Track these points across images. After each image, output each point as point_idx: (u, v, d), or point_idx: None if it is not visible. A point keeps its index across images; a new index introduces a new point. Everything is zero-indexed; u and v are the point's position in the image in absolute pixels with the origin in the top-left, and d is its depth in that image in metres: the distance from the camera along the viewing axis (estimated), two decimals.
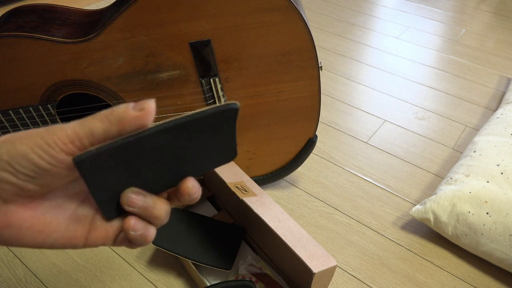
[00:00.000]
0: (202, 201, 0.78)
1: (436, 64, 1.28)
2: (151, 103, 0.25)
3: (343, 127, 1.03)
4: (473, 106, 1.11)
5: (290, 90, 0.70)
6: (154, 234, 0.29)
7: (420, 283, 0.70)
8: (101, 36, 0.61)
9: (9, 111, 0.66)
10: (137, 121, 0.25)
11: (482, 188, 0.72)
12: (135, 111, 0.25)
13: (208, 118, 0.26)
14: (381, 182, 0.88)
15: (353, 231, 0.78)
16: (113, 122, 0.25)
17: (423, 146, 0.98)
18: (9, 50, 0.61)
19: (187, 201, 0.29)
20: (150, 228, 0.28)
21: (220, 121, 0.27)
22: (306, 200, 0.84)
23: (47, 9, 0.67)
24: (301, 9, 0.63)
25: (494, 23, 1.52)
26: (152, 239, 0.29)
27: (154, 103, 0.26)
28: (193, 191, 0.29)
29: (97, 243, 0.29)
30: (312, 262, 0.52)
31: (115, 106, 0.26)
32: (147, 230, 0.28)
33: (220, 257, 0.65)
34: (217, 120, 0.27)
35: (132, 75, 0.65)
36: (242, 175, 0.66)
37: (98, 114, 0.25)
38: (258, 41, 0.64)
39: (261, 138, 0.76)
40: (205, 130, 0.27)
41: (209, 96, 0.69)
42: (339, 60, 1.28)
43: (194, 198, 0.29)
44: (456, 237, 0.72)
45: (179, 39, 0.62)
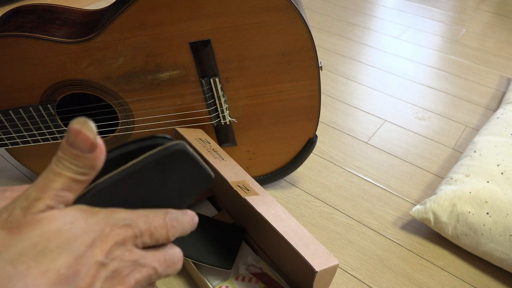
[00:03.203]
0: (203, 201, 0.78)
1: (436, 64, 1.28)
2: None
3: (343, 127, 1.03)
4: (473, 106, 1.11)
5: (290, 90, 0.70)
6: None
7: (420, 283, 0.70)
8: (101, 36, 0.61)
9: (9, 111, 0.66)
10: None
11: (482, 188, 0.72)
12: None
13: (152, 162, 0.24)
14: (381, 182, 0.88)
15: (353, 231, 0.78)
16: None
17: (423, 146, 0.98)
18: (9, 50, 0.61)
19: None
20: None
21: (172, 161, 0.25)
22: (306, 200, 0.84)
23: (47, 9, 0.67)
24: (301, 9, 0.63)
25: (494, 23, 1.52)
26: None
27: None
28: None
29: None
30: (315, 261, 0.52)
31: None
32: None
33: (220, 256, 0.65)
34: (167, 160, 0.25)
35: (132, 75, 0.65)
36: (244, 175, 0.66)
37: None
38: (258, 41, 0.64)
39: (261, 138, 0.76)
40: (159, 171, 0.25)
41: (209, 96, 0.69)
42: (339, 60, 1.28)
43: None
44: (456, 237, 0.72)
45: (179, 39, 0.62)
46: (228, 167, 0.66)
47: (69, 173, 0.22)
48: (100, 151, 0.23)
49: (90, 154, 0.22)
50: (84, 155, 0.22)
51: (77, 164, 0.22)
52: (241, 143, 0.77)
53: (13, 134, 0.69)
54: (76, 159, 0.22)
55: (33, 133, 0.70)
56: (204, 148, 0.67)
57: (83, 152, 0.22)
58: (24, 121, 0.68)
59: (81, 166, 0.22)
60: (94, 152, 0.23)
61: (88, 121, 0.22)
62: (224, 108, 0.71)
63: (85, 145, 0.22)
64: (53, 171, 0.22)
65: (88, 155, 0.22)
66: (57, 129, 0.70)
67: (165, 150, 0.24)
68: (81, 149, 0.22)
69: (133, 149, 0.25)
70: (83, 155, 0.22)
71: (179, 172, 0.26)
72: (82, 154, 0.22)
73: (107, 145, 0.75)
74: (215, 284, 0.64)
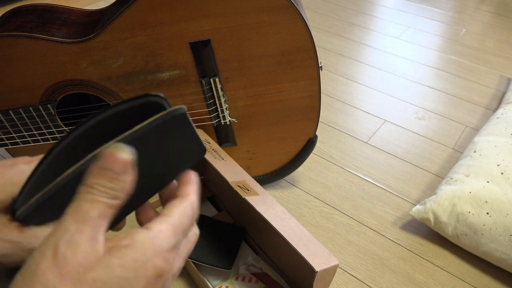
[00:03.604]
0: (203, 201, 0.78)
1: (436, 64, 1.28)
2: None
3: (343, 127, 1.03)
4: (473, 106, 1.11)
5: (290, 90, 0.70)
6: None
7: (420, 283, 0.70)
8: (101, 36, 0.61)
9: (9, 111, 0.66)
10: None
11: (482, 188, 0.72)
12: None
13: (155, 128, 0.24)
14: (381, 182, 0.88)
15: (353, 231, 0.78)
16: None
17: (423, 146, 0.98)
18: (9, 50, 0.61)
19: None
20: None
21: (172, 127, 0.25)
22: (306, 200, 0.84)
23: (47, 9, 0.67)
24: (301, 9, 0.63)
25: (494, 23, 1.52)
26: None
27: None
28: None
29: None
30: (315, 261, 0.52)
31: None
32: None
33: (220, 256, 0.65)
34: (168, 126, 0.24)
35: (132, 75, 0.65)
36: (244, 175, 0.66)
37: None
38: (258, 41, 0.64)
39: (261, 138, 0.76)
40: (160, 139, 0.24)
41: (209, 96, 0.69)
42: (339, 60, 1.28)
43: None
44: (456, 237, 0.72)
45: (179, 39, 0.62)
46: (228, 167, 0.66)
47: (104, 198, 0.21)
48: (132, 172, 0.22)
49: (124, 175, 0.22)
50: (119, 176, 0.21)
51: (112, 187, 0.21)
52: (241, 143, 0.77)
53: (13, 134, 0.69)
54: (111, 181, 0.21)
55: (33, 133, 0.70)
56: None
57: (118, 173, 0.21)
58: (24, 121, 0.68)
59: (115, 189, 0.21)
60: (129, 173, 0.22)
61: (118, 143, 0.22)
62: (224, 108, 0.71)
63: (121, 167, 0.21)
64: (86, 199, 0.21)
65: (123, 177, 0.21)
66: (57, 129, 0.70)
67: (168, 115, 0.23)
68: (116, 171, 0.21)
69: (125, 108, 0.24)
70: (118, 176, 0.21)
71: (177, 140, 0.25)
72: (117, 176, 0.21)
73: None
74: (215, 284, 0.64)
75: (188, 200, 0.25)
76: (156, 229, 0.23)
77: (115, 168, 0.21)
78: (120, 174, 0.21)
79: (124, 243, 0.22)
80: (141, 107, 0.24)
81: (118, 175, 0.21)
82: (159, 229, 0.23)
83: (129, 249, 0.21)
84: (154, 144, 0.24)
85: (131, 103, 0.24)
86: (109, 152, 0.21)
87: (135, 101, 0.24)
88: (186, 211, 0.24)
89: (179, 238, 0.24)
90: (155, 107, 0.25)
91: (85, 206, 0.21)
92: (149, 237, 0.22)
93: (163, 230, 0.23)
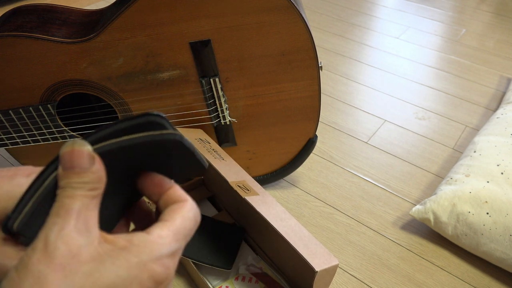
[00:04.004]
0: (203, 201, 0.78)
1: (436, 64, 1.28)
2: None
3: (343, 127, 1.03)
4: (473, 106, 1.11)
5: (290, 90, 0.70)
6: None
7: (420, 283, 0.70)
8: (101, 36, 0.61)
9: (9, 111, 0.66)
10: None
11: (482, 188, 0.72)
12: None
13: (146, 145, 0.23)
14: (381, 182, 0.88)
15: (353, 231, 0.78)
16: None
17: (423, 146, 0.98)
18: (9, 50, 0.61)
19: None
20: None
21: (167, 148, 0.24)
22: (306, 200, 0.84)
23: (47, 9, 0.67)
24: (301, 9, 0.63)
25: (494, 23, 1.52)
26: None
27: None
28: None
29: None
30: (314, 261, 0.52)
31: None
32: None
33: (220, 256, 0.65)
34: (161, 147, 0.24)
35: (132, 75, 0.65)
36: (244, 175, 0.66)
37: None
38: (258, 41, 0.64)
39: (261, 138, 0.76)
40: (147, 153, 0.24)
41: (209, 96, 0.69)
42: (339, 60, 1.28)
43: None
44: (456, 237, 0.72)
45: (179, 39, 0.62)
46: (228, 167, 0.66)
47: (81, 191, 0.21)
48: (99, 161, 0.22)
49: (91, 166, 0.22)
50: (88, 169, 0.22)
51: (85, 181, 0.22)
52: (241, 143, 0.77)
53: (13, 134, 0.69)
54: (81, 176, 0.22)
55: (33, 133, 0.70)
56: (204, 148, 0.67)
57: (84, 166, 0.22)
58: (24, 121, 0.68)
59: (88, 182, 0.22)
60: (95, 164, 0.22)
61: (75, 139, 0.22)
62: (224, 108, 0.71)
63: (84, 160, 0.22)
64: (65, 195, 0.21)
65: (92, 168, 0.22)
66: (57, 129, 0.70)
67: (160, 137, 0.23)
68: (81, 165, 0.22)
69: (125, 127, 0.24)
70: (87, 169, 0.22)
71: (173, 158, 0.25)
72: (84, 169, 0.22)
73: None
74: (215, 284, 0.64)
75: (188, 204, 0.25)
76: (156, 234, 0.23)
77: (78, 163, 0.21)
78: (86, 167, 0.22)
79: (121, 244, 0.22)
80: (140, 126, 0.24)
81: (85, 168, 0.22)
82: (159, 234, 0.23)
83: (125, 250, 0.21)
84: (147, 156, 0.24)
85: (131, 122, 0.23)
86: (66, 151, 0.22)
87: (135, 120, 0.24)
88: (188, 216, 0.24)
89: (181, 244, 0.24)
90: (156, 126, 0.24)
91: (66, 201, 0.21)
92: (146, 241, 0.22)
93: (163, 235, 0.23)
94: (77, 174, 0.22)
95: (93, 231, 0.21)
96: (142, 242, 0.22)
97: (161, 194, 0.25)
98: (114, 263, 0.21)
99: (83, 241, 0.21)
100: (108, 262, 0.21)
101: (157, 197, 0.25)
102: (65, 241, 0.20)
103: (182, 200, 0.25)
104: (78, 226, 0.21)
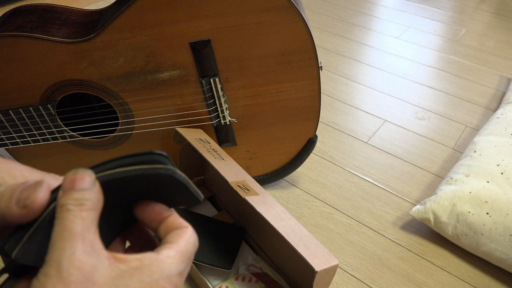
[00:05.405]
0: (203, 201, 0.78)
1: (436, 64, 1.28)
2: (37, 195, 0.22)
3: (343, 127, 1.03)
4: (473, 106, 1.11)
5: (290, 90, 0.70)
6: None
7: (420, 283, 0.70)
8: (101, 36, 0.61)
9: (9, 111, 0.66)
10: (20, 218, 0.22)
11: (482, 188, 0.72)
12: (18, 208, 0.22)
13: (140, 178, 0.24)
14: (381, 182, 0.88)
15: (353, 231, 0.78)
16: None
17: (423, 146, 0.98)
18: (9, 50, 0.61)
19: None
20: None
21: (160, 181, 0.25)
22: (306, 200, 0.84)
23: (47, 9, 0.67)
24: (301, 9, 0.63)
25: (494, 23, 1.52)
26: None
27: (44, 191, 0.23)
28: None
29: None
30: (314, 261, 0.52)
31: (1, 190, 0.23)
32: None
33: (220, 256, 0.65)
34: (154, 180, 0.25)
35: (132, 75, 0.65)
36: (244, 175, 0.66)
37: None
38: (258, 41, 0.64)
39: (261, 138, 0.76)
40: (147, 186, 0.25)
41: (209, 96, 0.69)
42: (339, 60, 1.28)
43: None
44: (456, 237, 0.72)
45: (179, 39, 0.62)
46: (228, 167, 0.66)
47: (80, 212, 0.22)
48: (98, 185, 0.23)
49: (90, 186, 0.23)
50: (87, 189, 0.22)
51: (84, 198, 0.22)
52: (241, 143, 0.77)
53: (13, 134, 0.69)
54: (81, 194, 0.22)
55: (33, 133, 0.70)
56: (204, 148, 0.67)
57: (83, 187, 0.22)
58: (24, 121, 0.68)
59: (86, 199, 0.22)
60: (95, 186, 0.23)
61: (78, 169, 0.23)
62: (224, 108, 0.71)
63: (85, 182, 0.22)
64: (66, 217, 0.22)
65: (90, 188, 0.23)
66: (57, 129, 0.70)
67: (153, 170, 0.24)
68: (81, 186, 0.22)
69: (129, 162, 0.25)
70: (86, 189, 0.22)
71: (169, 190, 0.26)
72: (83, 189, 0.22)
73: (107, 145, 0.75)
74: (215, 284, 0.64)
75: (190, 230, 0.26)
76: (165, 254, 0.24)
77: (79, 184, 0.22)
78: (86, 187, 0.23)
79: (134, 264, 0.23)
80: (143, 162, 0.25)
81: (85, 187, 0.22)
82: (167, 255, 0.24)
83: (137, 270, 0.22)
84: (141, 188, 0.25)
85: (135, 159, 0.25)
86: (68, 176, 0.23)
87: (139, 157, 0.25)
88: (190, 240, 0.26)
89: (186, 265, 0.25)
90: (155, 162, 0.25)
91: (68, 224, 0.21)
92: (157, 260, 0.23)
93: (171, 256, 0.24)
94: (77, 191, 0.22)
95: (100, 252, 0.22)
96: (153, 261, 0.23)
97: (161, 221, 0.26)
98: (128, 284, 0.22)
99: (94, 262, 0.21)
100: (122, 283, 0.22)
101: (157, 224, 0.27)
102: (77, 266, 0.21)
103: (184, 227, 0.26)
104: (86, 248, 0.21)
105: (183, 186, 0.26)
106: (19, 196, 0.22)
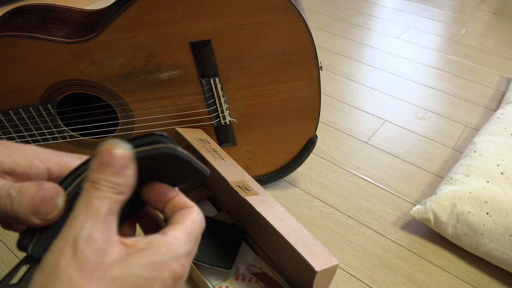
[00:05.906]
0: (203, 201, 0.78)
1: (436, 64, 1.28)
2: (59, 211, 0.23)
3: (343, 127, 1.03)
4: (473, 106, 1.11)
5: (290, 90, 0.70)
6: None
7: (420, 283, 0.70)
8: (101, 36, 0.61)
9: (9, 111, 0.66)
10: (40, 225, 0.23)
11: (482, 188, 0.72)
12: (38, 219, 0.22)
13: (140, 160, 0.24)
14: (381, 182, 0.88)
15: (353, 231, 0.78)
16: (13, 216, 0.23)
17: (423, 146, 0.98)
18: (9, 50, 0.61)
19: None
20: None
21: (162, 161, 0.25)
22: (306, 200, 0.84)
23: (47, 9, 0.67)
24: (301, 9, 0.63)
25: (494, 23, 1.52)
26: None
27: (63, 202, 0.23)
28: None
29: None
30: (314, 261, 0.52)
31: (19, 197, 0.22)
32: None
33: (220, 256, 0.65)
34: (156, 161, 0.25)
35: (132, 75, 0.65)
36: (244, 175, 0.66)
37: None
38: (258, 41, 0.64)
39: (261, 138, 0.76)
40: (147, 164, 0.25)
41: (209, 96, 0.69)
42: (339, 60, 1.28)
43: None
44: (456, 237, 0.72)
45: (179, 39, 0.62)
46: (228, 167, 0.66)
47: (111, 194, 0.22)
48: (133, 167, 0.23)
49: (127, 170, 0.22)
50: (122, 171, 0.22)
51: (117, 183, 0.22)
52: (241, 143, 0.77)
53: (13, 134, 0.69)
54: (115, 176, 0.22)
55: (33, 133, 0.70)
56: (204, 148, 0.67)
57: (120, 168, 0.22)
58: (24, 121, 0.68)
59: (120, 184, 0.22)
60: (129, 168, 0.22)
61: (117, 141, 0.22)
62: (224, 108, 0.71)
63: (122, 161, 0.22)
64: (95, 195, 0.21)
65: (125, 171, 0.22)
66: (57, 129, 0.70)
67: (154, 151, 0.24)
68: (118, 166, 0.22)
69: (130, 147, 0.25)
70: (121, 171, 0.22)
71: (173, 169, 0.26)
72: (119, 171, 0.22)
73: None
74: (215, 284, 0.64)
75: (196, 209, 0.26)
76: (172, 235, 0.24)
77: (116, 163, 0.22)
78: (122, 169, 0.22)
79: (142, 246, 0.23)
80: (144, 144, 0.25)
81: (121, 170, 0.22)
82: (175, 236, 0.24)
83: (147, 251, 0.22)
84: (143, 168, 0.25)
85: (134, 142, 0.24)
86: (107, 148, 0.22)
87: (139, 140, 0.24)
88: (196, 220, 0.26)
89: (194, 245, 0.25)
90: (156, 143, 0.25)
91: (96, 203, 0.21)
92: (166, 242, 0.23)
93: (178, 236, 0.24)
94: (112, 172, 0.22)
95: (113, 236, 0.22)
96: (162, 243, 0.23)
97: (167, 202, 0.26)
98: (140, 265, 0.22)
99: (107, 246, 0.21)
100: (134, 265, 0.22)
101: (163, 205, 0.27)
102: (93, 248, 0.21)
103: (190, 206, 0.26)
104: (104, 231, 0.21)
105: (187, 163, 0.26)
106: (38, 209, 0.22)
